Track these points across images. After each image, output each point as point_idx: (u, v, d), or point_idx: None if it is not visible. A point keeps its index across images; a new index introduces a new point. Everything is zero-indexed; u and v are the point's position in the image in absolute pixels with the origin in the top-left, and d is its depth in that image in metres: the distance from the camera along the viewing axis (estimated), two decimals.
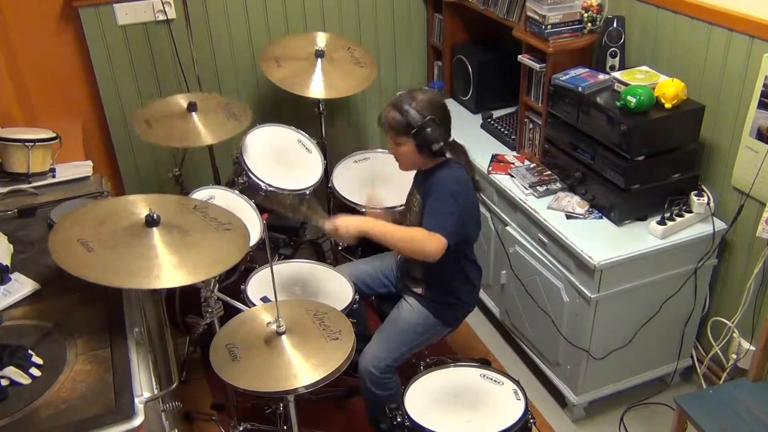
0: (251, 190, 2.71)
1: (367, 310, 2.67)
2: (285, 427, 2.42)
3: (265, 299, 2.31)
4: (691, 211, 2.47)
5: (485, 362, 2.91)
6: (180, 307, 2.79)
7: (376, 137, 3.70)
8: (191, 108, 2.71)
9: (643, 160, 2.40)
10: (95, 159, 2.78)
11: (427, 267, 2.26)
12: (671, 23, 2.55)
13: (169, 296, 2.71)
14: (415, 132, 2.11)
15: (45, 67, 3.05)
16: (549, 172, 2.78)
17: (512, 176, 2.82)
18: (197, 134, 2.67)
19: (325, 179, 2.94)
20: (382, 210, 2.62)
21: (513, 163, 2.93)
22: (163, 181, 3.13)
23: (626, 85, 2.45)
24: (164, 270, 1.71)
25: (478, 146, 3.01)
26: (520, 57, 2.82)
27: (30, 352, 1.70)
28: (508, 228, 2.83)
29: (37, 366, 1.67)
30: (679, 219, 2.45)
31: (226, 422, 2.57)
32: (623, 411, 2.72)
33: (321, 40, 3.06)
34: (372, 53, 3.18)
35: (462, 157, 2.26)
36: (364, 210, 2.65)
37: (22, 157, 2.47)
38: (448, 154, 2.19)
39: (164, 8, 3.05)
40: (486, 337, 3.15)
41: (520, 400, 2.05)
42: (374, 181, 2.93)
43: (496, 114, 3.27)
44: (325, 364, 1.77)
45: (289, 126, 3.01)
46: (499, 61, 3.26)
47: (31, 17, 2.94)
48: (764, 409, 2.06)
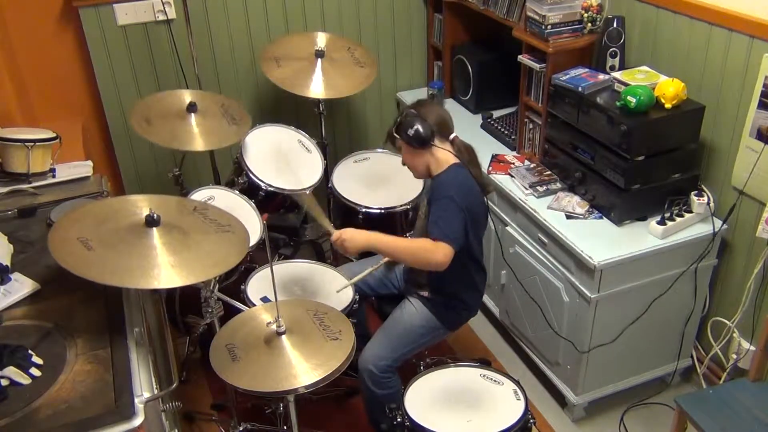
0: (252, 189, 2.71)
1: (368, 310, 2.67)
2: (285, 427, 2.42)
3: (265, 299, 2.31)
4: (691, 211, 2.47)
5: (485, 362, 2.91)
6: (180, 307, 2.78)
7: (376, 137, 3.70)
8: (191, 108, 2.70)
9: (643, 160, 2.40)
10: (95, 159, 2.77)
11: (433, 273, 2.26)
12: (671, 23, 2.55)
13: (170, 296, 2.70)
14: (397, 127, 2.23)
15: (45, 67, 3.05)
16: (549, 172, 2.78)
17: (512, 176, 2.82)
18: (195, 139, 2.65)
19: (325, 179, 2.94)
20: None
21: (513, 163, 2.93)
22: (163, 181, 3.13)
23: (626, 85, 2.44)
24: (163, 270, 1.71)
25: (478, 146, 2.90)
26: (520, 57, 2.82)
27: (30, 352, 1.70)
28: (508, 228, 2.83)
29: (37, 366, 1.67)
30: (679, 219, 2.44)
31: (226, 422, 2.57)
32: (623, 411, 2.72)
33: (321, 40, 3.06)
34: (372, 53, 3.19)
35: (465, 155, 2.27)
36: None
37: (22, 157, 2.47)
38: (454, 159, 2.20)
39: (164, 8, 3.04)
40: (486, 337, 3.15)
41: (520, 400, 2.06)
42: (374, 181, 2.93)
43: (496, 114, 3.28)
44: (325, 364, 1.77)
45: (289, 126, 3.01)
46: (499, 61, 3.26)
47: (31, 17, 2.94)
48: (764, 409, 2.05)
